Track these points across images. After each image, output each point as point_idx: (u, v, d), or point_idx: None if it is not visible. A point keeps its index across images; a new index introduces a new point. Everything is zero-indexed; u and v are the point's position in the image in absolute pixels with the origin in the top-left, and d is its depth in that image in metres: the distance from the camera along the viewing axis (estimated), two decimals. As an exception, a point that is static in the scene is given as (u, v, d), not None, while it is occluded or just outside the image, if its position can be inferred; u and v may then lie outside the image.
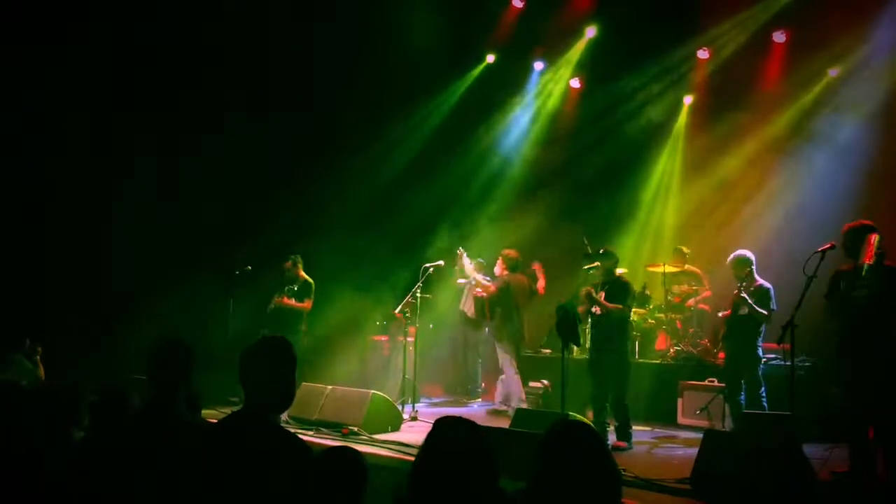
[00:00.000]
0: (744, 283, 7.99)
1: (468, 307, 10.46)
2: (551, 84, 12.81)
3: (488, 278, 10.27)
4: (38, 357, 7.88)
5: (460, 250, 10.27)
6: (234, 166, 10.74)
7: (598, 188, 11.85)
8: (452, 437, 2.74)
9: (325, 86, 11.74)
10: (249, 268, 10.43)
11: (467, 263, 10.24)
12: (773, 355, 8.55)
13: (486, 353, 10.89)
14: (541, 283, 10.11)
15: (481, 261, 10.62)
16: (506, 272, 9.75)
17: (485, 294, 9.95)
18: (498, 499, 2.69)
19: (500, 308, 9.77)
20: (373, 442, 7.75)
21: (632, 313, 8.59)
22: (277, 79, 11.48)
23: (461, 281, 10.68)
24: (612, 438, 7.87)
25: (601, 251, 8.32)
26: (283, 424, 3.27)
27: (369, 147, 12.15)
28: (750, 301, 7.88)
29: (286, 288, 10.10)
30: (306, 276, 10.18)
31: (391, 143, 12.38)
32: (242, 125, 10.90)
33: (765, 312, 7.85)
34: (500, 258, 9.81)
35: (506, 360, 9.61)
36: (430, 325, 10.82)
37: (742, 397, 7.97)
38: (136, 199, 10.37)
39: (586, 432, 2.63)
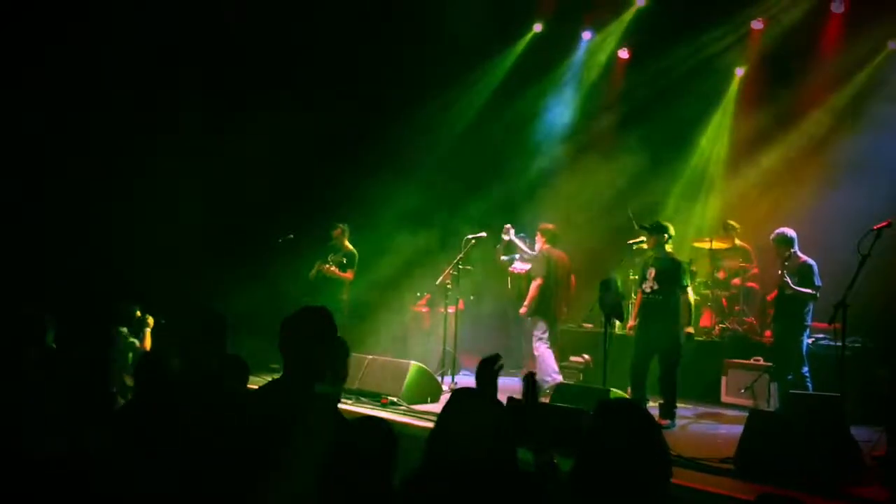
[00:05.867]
0: (787, 263, 7.85)
1: None
2: (599, 54, 12.57)
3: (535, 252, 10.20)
4: (149, 329, 7.43)
5: (507, 226, 10.12)
6: (280, 138, 10.70)
7: (644, 160, 11.60)
8: (463, 409, 2.72)
9: (371, 58, 11.63)
10: (292, 236, 10.47)
11: (516, 240, 10.13)
12: (822, 335, 8.36)
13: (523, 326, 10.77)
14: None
15: (522, 235, 10.53)
16: (546, 246, 9.40)
17: (523, 272, 9.75)
18: (511, 471, 2.66)
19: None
20: (411, 412, 7.77)
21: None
22: (323, 53, 11.41)
23: (504, 258, 10.60)
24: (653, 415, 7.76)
25: (652, 224, 8.02)
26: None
27: (415, 120, 12.04)
28: (790, 283, 7.78)
29: (330, 256, 10.12)
30: (351, 247, 10.19)
31: (439, 115, 12.24)
32: (289, 96, 10.89)
33: (809, 291, 7.75)
34: (539, 232, 9.46)
35: (538, 337, 9.28)
36: (471, 297, 10.78)
37: (790, 376, 7.83)
38: (181, 163, 10.38)
39: (637, 410, 2.58)
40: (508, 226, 9.97)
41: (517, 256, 10.27)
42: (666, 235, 7.92)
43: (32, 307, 4.85)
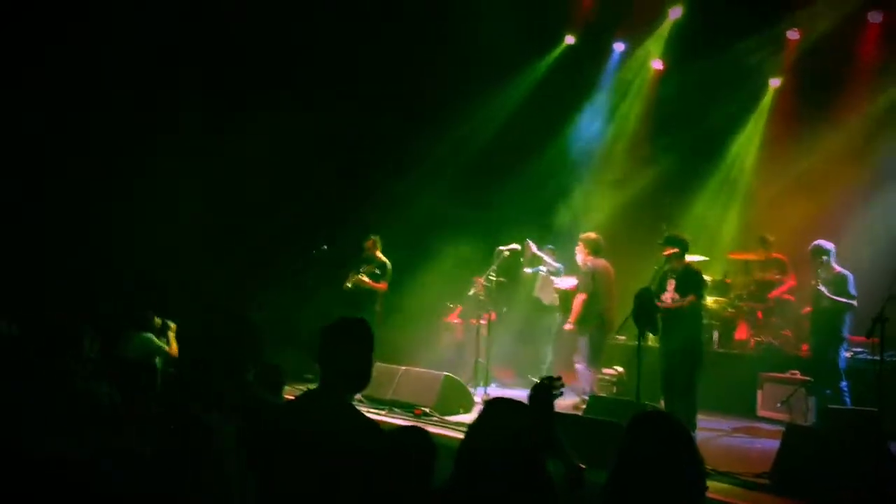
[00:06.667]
0: (819, 272, 7.81)
1: (544, 294, 10.30)
2: (632, 64, 12.54)
3: (560, 265, 10.18)
4: (173, 333, 7.74)
5: (528, 241, 10.15)
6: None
7: (679, 171, 11.55)
8: (497, 418, 2.73)
9: (400, 71, 11.67)
10: (326, 247, 10.53)
11: (540, 253, 10.14)
12: (860, 349, 8.24)
13: (561, 340, 10.65)
14: None
15: (551, 247, 10.51)
16: (589, 258, 9.02)
17: (572, 288, 9.43)
18: (541, 482, 2.66)
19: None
20: (444, 423, 7.78)
21: (709, 301, 8.34)
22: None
23: (528, 270, 10.59)
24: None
25: (668, 237, 7.94)
26: (356, 403, 3.29)
27: (446, 133, 12.03)
28: (826, 292, 7.78)
29: (363, 268, 10.16)
30: (384, 258, 10.22)
31: (470, 128, 12.24)
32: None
33: (844, 301, 7.69)
34: (581, 243, 9.12)
35: (580, 352, 9.05)
36: (504, 309, 10.76)
37: (828, 391, 7.73)
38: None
39: (671, 423, 2.57)
40: (529, 241, 10.08)
41: (542, 269, 10.24)
42: (683, 248, 7.85)
43: (68, 315, 4.91)
